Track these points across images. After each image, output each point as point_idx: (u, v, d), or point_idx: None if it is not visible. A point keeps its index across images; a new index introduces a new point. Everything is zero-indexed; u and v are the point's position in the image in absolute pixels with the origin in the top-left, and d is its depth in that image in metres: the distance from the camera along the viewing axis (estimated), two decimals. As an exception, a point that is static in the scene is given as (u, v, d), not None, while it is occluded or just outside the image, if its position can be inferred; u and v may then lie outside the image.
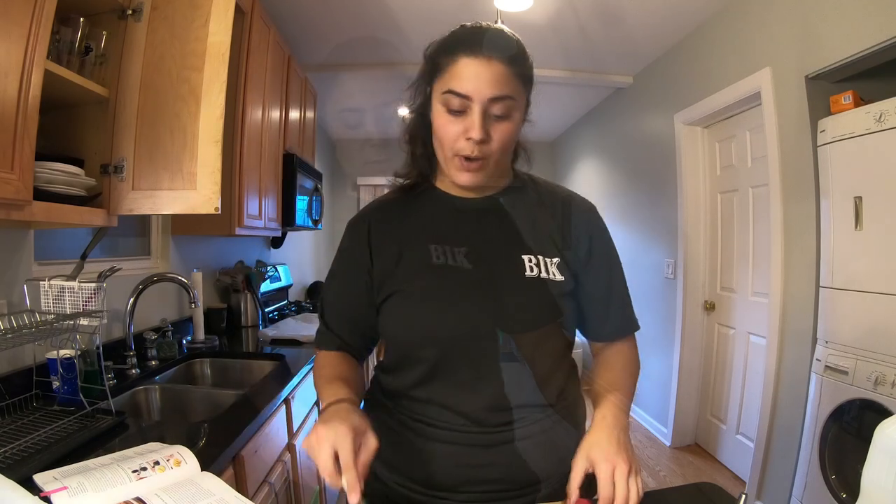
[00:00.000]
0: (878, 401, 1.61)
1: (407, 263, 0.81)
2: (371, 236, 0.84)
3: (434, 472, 0.79)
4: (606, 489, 0.66)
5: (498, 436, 0.78)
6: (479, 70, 0.71)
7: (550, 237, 0.84)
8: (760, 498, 2.28)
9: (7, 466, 0.86)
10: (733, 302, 2.75)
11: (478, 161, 0.75)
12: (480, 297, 0.78)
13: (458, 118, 0.74)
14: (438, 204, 0.86)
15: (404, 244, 0.82)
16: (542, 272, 0.80)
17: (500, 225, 0.84)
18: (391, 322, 0.81)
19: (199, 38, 1.30)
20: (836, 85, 1.95)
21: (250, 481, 1.23)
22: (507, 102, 0.73)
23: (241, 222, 2.06)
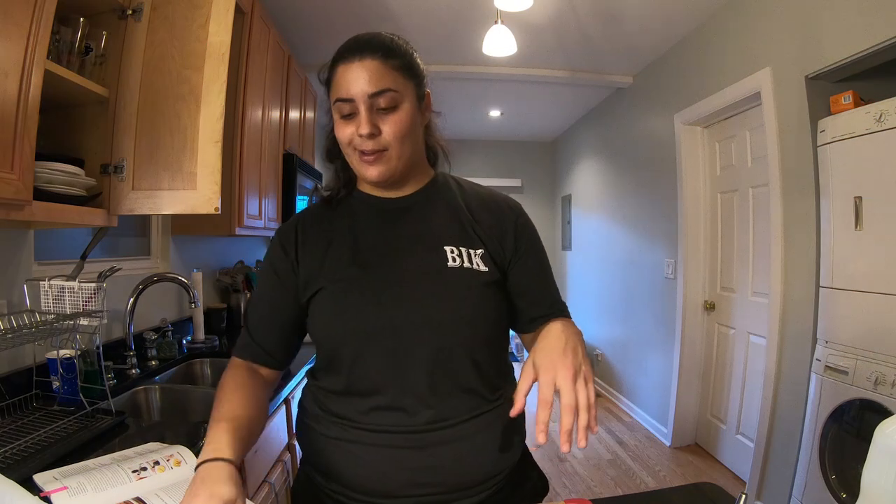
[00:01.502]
0: (878, 401, 1.61)
1: (331, 261, 0.82)
2: (297, 239, 0.86)
3: (371, 477, 0.78)
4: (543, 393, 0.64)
5: (431, 436, 0.77)
6: (354, 72, 0.75)
7: (473, 230, 0.85)
8: (760, 498, 2.28)
9: (7, 466, 0.86)
10: (733, 302, 2.75)
11: (375, 153, 0.77)
12: (402, 288, 0.79)
13: (350, 121, 0.77)
14: (361, 204, 0.88)
15: (329, 244, 0.84)
16: (465, 262, 0.81)
17: (423, 220, 0.85)
18: (315, 319, 0.82)
19: (199, 38, 1.30)
20: (836, 85, 1.95)
21: (250, 481, 1.23)
22: (390, 94, 0.75)
23: (241, 222, 2.06)
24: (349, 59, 0.76)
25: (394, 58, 0.77)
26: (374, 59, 0.75)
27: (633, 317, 3.72)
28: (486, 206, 0.89)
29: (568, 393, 0.64)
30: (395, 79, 0.76)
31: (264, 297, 0.88)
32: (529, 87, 3.81)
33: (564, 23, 2.69)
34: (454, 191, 0.90)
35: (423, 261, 0.81)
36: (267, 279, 0.87)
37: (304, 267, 0.84)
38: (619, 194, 3.89)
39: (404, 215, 0.86)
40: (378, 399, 0.78)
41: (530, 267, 0.88)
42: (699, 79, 2.72)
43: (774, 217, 2.20)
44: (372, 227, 0.85)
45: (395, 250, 0.82)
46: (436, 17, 2.57)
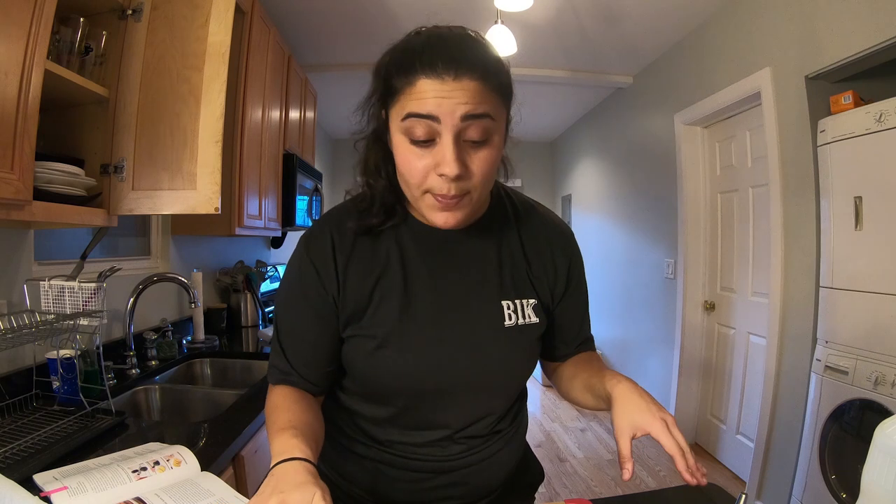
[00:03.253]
0: (878, 401, 1.61)
1: (380, 303, 0.72)
2: (337, 267, 0.72)
3: (396, 493, 0.79)
4: (670, 441, 0.64)
5: (456, 462, 0.78)
6: (445, 87, 0.58)
7: (528, 275, 0.78)
8: (760, 498, 2.28)
9: (7, 466, 0.86)
10: (733, 302, 2.75)
11: (456, 198, 0.63)
12: (457, 348, 0.73)
13: (425, 149, 0.62)
14: (413, 236, 0.75)
15: (376, 281, 0.73)
16: (520, 318, 0.76)
17: (480, 263, 0.76)
18: (357, 361, 0.74)
19: (199, 38, 1.30)
20: (836, 85, 1.95)
21: (250, 481, 1.23)
22: (485, 123, 0.61)
23: (241, 222, 2.06)
24: (440, 75, 0.58)
25: (495, 77, 0.61)
26: (475, 80, 0.59)
27: (633, 317, 3.72)
28: (542, 245, 0.80)
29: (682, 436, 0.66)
30: (493, 103, 0.61)
31: (300, 331, 0.75)
32: (529, 87, 3.81)
33: (564, 23, 2.69)
34: (511, 220, 0.80)
35: (479, 319, 0.74)
36: (300, 307, 0.74)
37: (348, 304, 0.72)
38: (619, 194, 3.89)
39: (459, 251, 0.76)
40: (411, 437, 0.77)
41: (573, 306, 0.84)
42: (699, 79, 2.72)
43: (774, 217, 2.20)
44: (424, 263, 0.74)
45: (451, 301, 0.74)
46: (436, 17, 2.55)
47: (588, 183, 4.59)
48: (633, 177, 3.66)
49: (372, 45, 3.02)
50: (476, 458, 0.79)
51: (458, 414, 0.77)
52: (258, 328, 2.50)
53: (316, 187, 3.17)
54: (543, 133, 5.39)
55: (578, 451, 3.11)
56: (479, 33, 0.67)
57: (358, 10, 2.55)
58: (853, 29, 1.75)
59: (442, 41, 0.62)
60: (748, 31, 2.31)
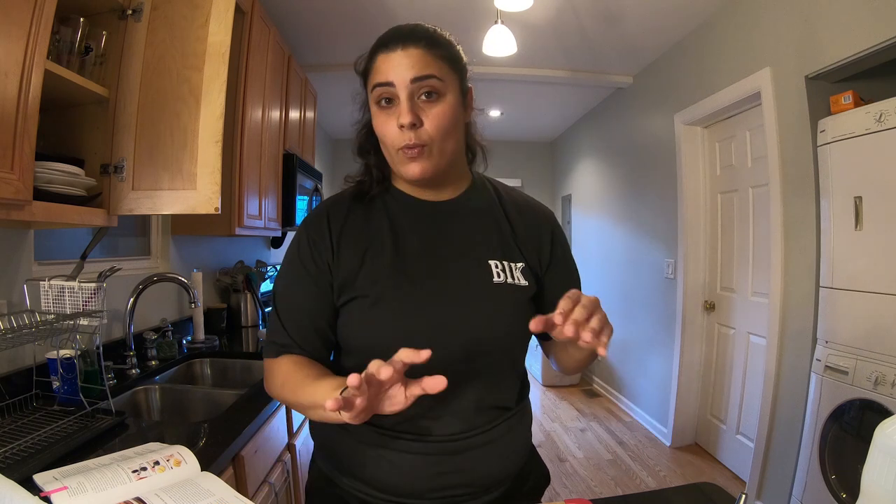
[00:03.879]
0: (878, 401, 1.61)
1: (370, 267, 0.77)
2: (332, 237, 0.80)
3: (399, 480, 0.78)
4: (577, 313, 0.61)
5: (463, 443, 0.78)
6: (396, 59, 0.72)
7: (514, 241, 0.83)
8: (760, 498, 2.28)
9: (7, 466, 0.86)
10: (733, 302, 2.75)
11: (417, 147, 0.73)
12: (448, 304, 0.76)
13: (390, 111, 0.74)
14: (400, 205, 0.83)
15: (367, 246, 0.79)
16: (509, 277, 0.80)
17: (465, 228, 0.82)
18: (351, 328, 0.78)
19: (199, 38, 1.30)
20: (836, 85, 1.95)
21: (250, 481, 1.23)
22: (432, 82, 0.72)
23: (241, 222, 2.06)
24: (391, 48, 0.73)
25: (438, 47, 0.74)
26: (418, 48, 0.73)
27: (633, 317, 3.72)
28: (524, 215, 0.87)
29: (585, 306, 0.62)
30: (439, 67, 0.73)
31: (298, 302, 0.80)
32: (529, 87, 3.81)
33: (564, 23, 2.69)
34: (493, 196, 0.88)
35: (468, 275, 0.78)
36: (299, 279, 0.80)
37: (341, 269, 0.78)
38: (619, 194, 3.89)
39: (447, 221, 0.82)
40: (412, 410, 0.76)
41: (563, 278, 0.87)
42: (699, 79, 2.72)
43: (774, 217, 2.20)
44: (413, 232, 0.81)
45: (440, 261, 0.79)
46: (436, 17, 2.57)
47: (588, 183, 4.59)
48: (633, 177, 3.66)
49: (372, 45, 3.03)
50: (480, 441, 0.78)
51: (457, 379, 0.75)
52: (258, 328, 2.50)
53: (316, 187, 3.17)
54: (543, 133, 5.39)
55: (578, 451, 3.11)
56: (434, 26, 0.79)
57: (358, 10, 2.55)
58: (853, 29, 1.75)
59: (395, 29, 0.77)
60: (748, 31, 2.31)
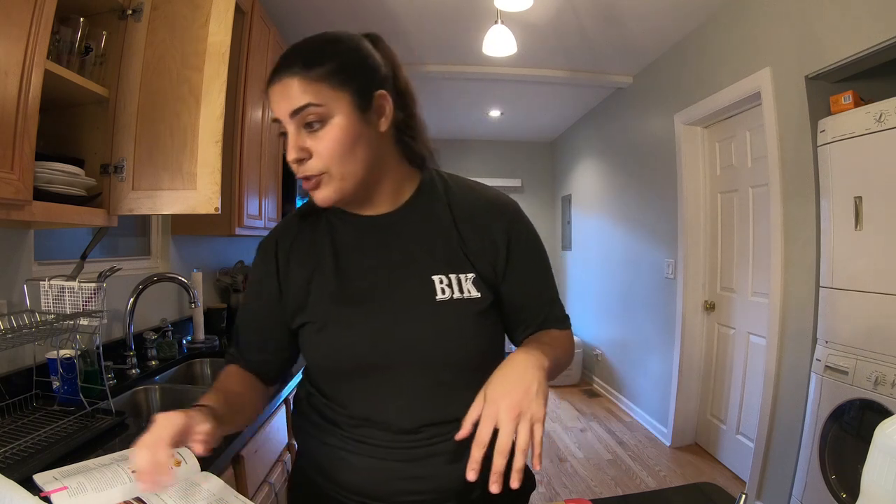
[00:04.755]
0: (878, 401, 1.61)
1: (316, 291, 0.78)
2: (279, 262, 0.82)
3: (365, 482, 0.78)
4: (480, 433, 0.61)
5: (424, 450, 0.76)
6: (277, 92, 0.70)
7: (463, 250, 0.78)
8: (760, 498, 2.28)
9: (7, 466, 0.86)
10: (733, 302, 2.75)
11: (313, 179, 0.71)
12: (392, 325, 0.75)
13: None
14: (340, 222, 0.82)
15: (312, 270, 0.79)
16: (456, 292, 0.76)
17: (406, 243, 0.79)
18: (305, 349, 0.81)
19: (200, 38, 1.30)
20: (836, 85, 1.95)
21: (250, 481, 1.23)
22: (309, 110, 0.68)
23: (241, 222, 2.06)
24: (272, 80, 0.71)
25: (316, 66, 0.69)
26: (292, 76, 0.69)
27: (633, 317, 3.72)
28: (476, 219, 0.80)
29: (504, 434, 0.60)
30: (319, 91, 0.68)
31: (251, 320, 0.85)
32: (529, 87, 3.81)
33: (564, 23, 2.69)
34: (442, 201, 0.82)
35: (410, 293, 0.76)
36: (253, 298, 0.85)
37: (290, 294, 0.80)
38: (619, 194, 3.89)
39: (387, 237, 0.79)
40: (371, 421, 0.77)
41: (523, 280, 0.82)
42: (699, 78, 2.72)
43: (774, 217, 2.20)
44: (355, 251, 0.80)
45: (382, 280, 0.77)
46: (436, 16, 2.57)
47: (588, 183, 4.59)
48: (633, 177, 3.66)
49: (372, 45, 3.03)
50: (441, 449, 0.77)
51: (414, 394, 0.76)
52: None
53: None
54: (543, 133, 5.39)
55: (578, 451, 3.11)
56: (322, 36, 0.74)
57: (358, 10, 2.55)
58: (853, 29, 1.75)
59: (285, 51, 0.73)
60: (748, 31, 2.31)
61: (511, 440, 0.60)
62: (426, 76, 3.31)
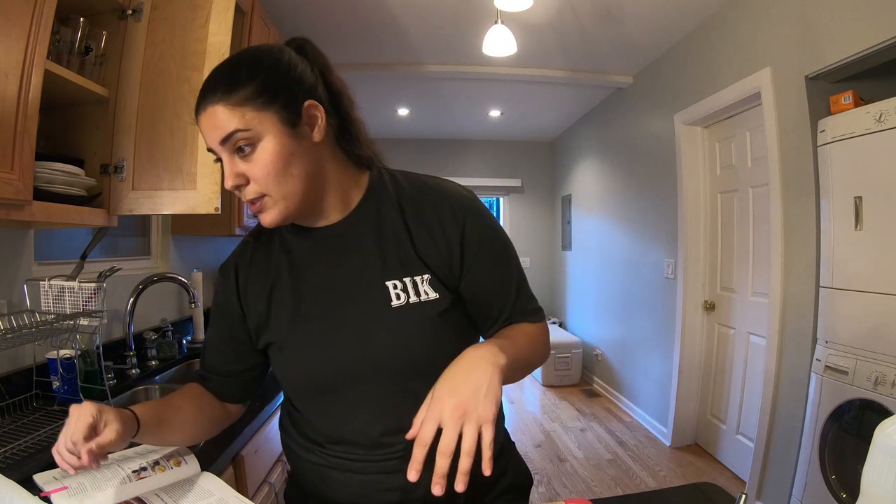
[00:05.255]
0: (878, 401, 1.61)
1: (276, 312, 0.78)
2: (239, 284, 0.82)
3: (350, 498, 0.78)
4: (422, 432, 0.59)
5: (399, 461, 0.74)
6: (203, 124, 0.68)
7: (416, 251, 0.76)
8: (760, 498, 2.28)
9: (7, 466, 0.86)
10: (733, 302, 2.75)
11: (256, 202, 0.70)
12: (349, 338, 0.74)
13: None
14: (297, 240, 0.80)
15: (271, 289, 0.79)
16: (412, 296, 0.74)
17: (358, 250, 0.77)
18: (276, 369, 0.81)
19: (199, 38, 1.30)
20: (836, 85, 1.95)
21: (250, 481, 1.23)
22: (237, 136, 0.66)
23: (241, 222, 2.06)
24: (199, 108, 0.68)
25: (238, 89, 0.66)
26: (216, 103, 0.66)
27: (633, 317, 3.72)
28: (427, 216, 0.77)
29: (448, 435, 0.58)
30: (243, 115, 0.66)
31: (215, 341, 0.85)
32: (529, 87, 3.81)
33: (564, 23, 2.69)
34: (391, 200, 0.78)
35: (364, 303, 0.74)
36: (216, 320, 0.85)
37: (251, 316, 0.80)
38: (619, 194, 3.89)
39: (339, 246, 0.77)
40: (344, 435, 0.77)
41: (483, 276, 0.78)
42: (699, 79, 2.72)
43: (774, 217, 2.20)
44: (310, 266, 0.78)
45: (337, 293, 0.76)
46: (436, 17, 2.57)
47: (588, 183, 4.59)
48: (633, 177, 3.66)
49: (372, 45, 3.03)
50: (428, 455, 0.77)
51: (383, 405, 0.75)
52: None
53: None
54: (543, 133, 5.39)
55: (578, 451, 3.11)
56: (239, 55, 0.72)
57: (358, 10, 2.55)
58: (853, 29, 1.75)
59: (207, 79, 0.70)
60: (748, 31, 2.31)
61: (454, 441, 0.57)
62: (426, 76, 3.32)
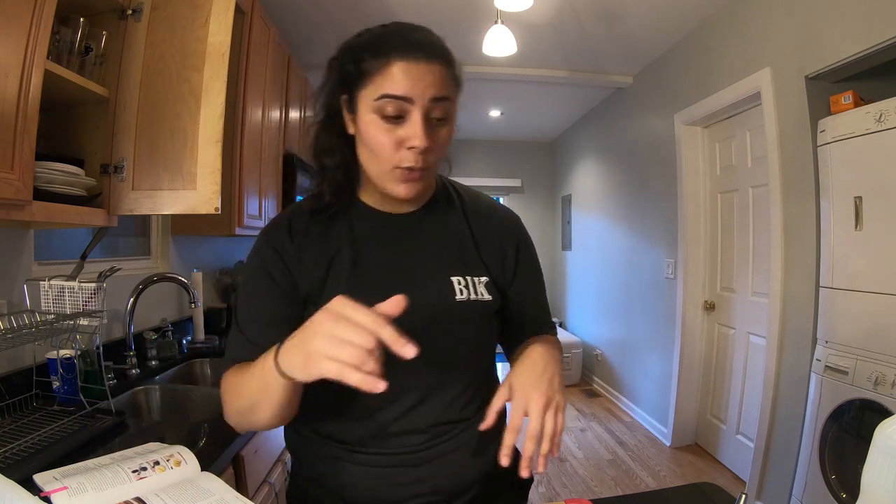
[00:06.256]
0: (878, 401, 1.61)
1: (333, 286, 0.74)
2: (292, 249, 0.76)
3: (365, 493, 0.77)
4: (513, 420, 0.66)
5: (424, 454, 0.76)
6: (419, 72, 0.66)
7: (477, 255, 0.81)
8: (760, 498, 2.28)
9: (7, 466, 0.86)
10: (733, 302, 2.75)
11: (419, 171, 0.70)
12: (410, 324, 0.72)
13: (395, 126, 0.67)
14: (361, 217, 0.79)
15: (330, 263, 0.76)
16: (472, 294, 0.78)
17: (428, 242, 0.80)
18: None
19: (200, 38, 1.30)
20: (836, 85, 1.95)
21: (250, 481, 1.23)
22: (446, 104, 0.69)
23: (241, 222, 2.06)
24: (413, 58, 0.66)
25: (453, 67, 0.70)
26: (441, 66, 0.68)
27: (633, 317, 3.72)
28: (488, 226, 0.84)
29: (536, 420, 0.65)
30: (453, 90, 0.70)
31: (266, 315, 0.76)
32: (529, 87, 3.81)
33: (564, 23, 2.69)
34: (456, 205, 0.84)
35: (430, 293, 0.76)
36: (268, 292, 0.76)
37: (304, 284, 0.75)
38: (619, 194, 3.89)
39: (410, 235, 0.80)
40: (371, 426, 0.76)
41: (526, 289, 0.86)
42: (699, 79, 2.72)
43: (774, 217, 2.20)
44: (375, 248, 0.78)
45: (401, 279, 0.76)
46: (436, 16, 2.57)
47: (588, 183, 4.59)
48: (633, 177, 3.66)
49: (372, 45, 3.03)
50: (443, 450, 0.77)
51: (422, 394, 0.76)
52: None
53: (316, 187, 3.16)
54: (543, 133, 5.39)
55: (578, 451, 3.11)
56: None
57: (358, 9, 2.55)
58: (853, 29, 1.75)
59: (411, 30, 0.71)
60: (748, 31, 2.31)
61: (540, 427, 0.65)
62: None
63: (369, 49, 0.69)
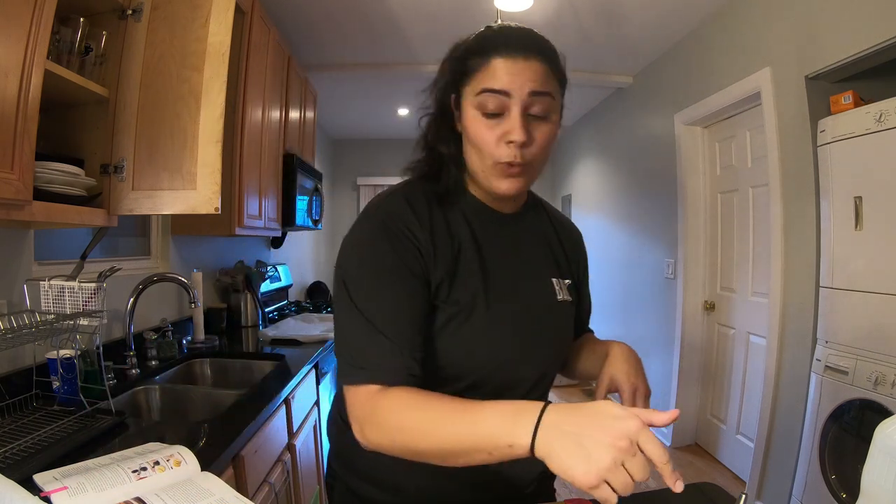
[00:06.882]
0: (878, 401, 1.61)
1: (463, 276, 0.73)
2: (424, 228, 0.72)
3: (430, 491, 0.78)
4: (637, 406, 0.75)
5: None
6: (517, 67, 0.67)
7: (564, 259, 0.88)
8: (760, 498, 2.28)
9: (7, 466, 0.86)
10: (733, 302, 2.75)
11: (520, 166, 0.69)
12: (527, 323, 0.78)
13: (495, 121, 0.69)
14: (475, 212, 0.79)
15: (457, 250, 0.74)
16: (564, 295, 0.84)
17: (530, 243, 0.84)
18: (449, 345, 0.72)
19: (200, 38, 1.30)
20: (836, 85, 1.95)
21: (250, 481, 1.23)
22: (547, 100, 0.69)
23: (241, 222, 2.06)
24: (513, 55, 0.67)
25: (555, 62, 0.71)
26: (541, 63, 0.68)
27: (633, 317, 3.72)
28: (567, 233, 0.91)
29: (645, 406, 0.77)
30: (554, 86, 0.71)
31: (406, 306, 0.68)
32: (529, 87, 3.81)
33: (564, 23, 2.69)
34: (544, 213, 0.91)
35: (538, 292, 0.81)
36: (406, 281, 0.69)
37: (437, 272, 0.72)
38: (619, 194, 3.89)
39: (516, 235, 0.82)
40: None
41: (586, 294, 0.95)
42: (699, 79, 2.72)
43: (774, 217, 2.20)
44: (492, 244, 0.78)
45: (516, 276, 0.79)
46: (436, 16, 2.57)
47: (588, 183, 4.59)
48: (633, 177, 3.66)
49: (372, 45, 3.03)
50: None
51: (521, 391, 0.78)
52: (258, 328, 2.50)
53: (316, 187, 3.17)
54: (543, 133, 5.39)
55: (578, 451, 3.10)
56: None
57: (358, 10, 2.55)
58: (853, 29, 1.75)
59: (512, 30, 0.73)
60: (748, 30, 2.31)
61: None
62: (426, 76, 3.31)
63: (474, 48, 0.72)
